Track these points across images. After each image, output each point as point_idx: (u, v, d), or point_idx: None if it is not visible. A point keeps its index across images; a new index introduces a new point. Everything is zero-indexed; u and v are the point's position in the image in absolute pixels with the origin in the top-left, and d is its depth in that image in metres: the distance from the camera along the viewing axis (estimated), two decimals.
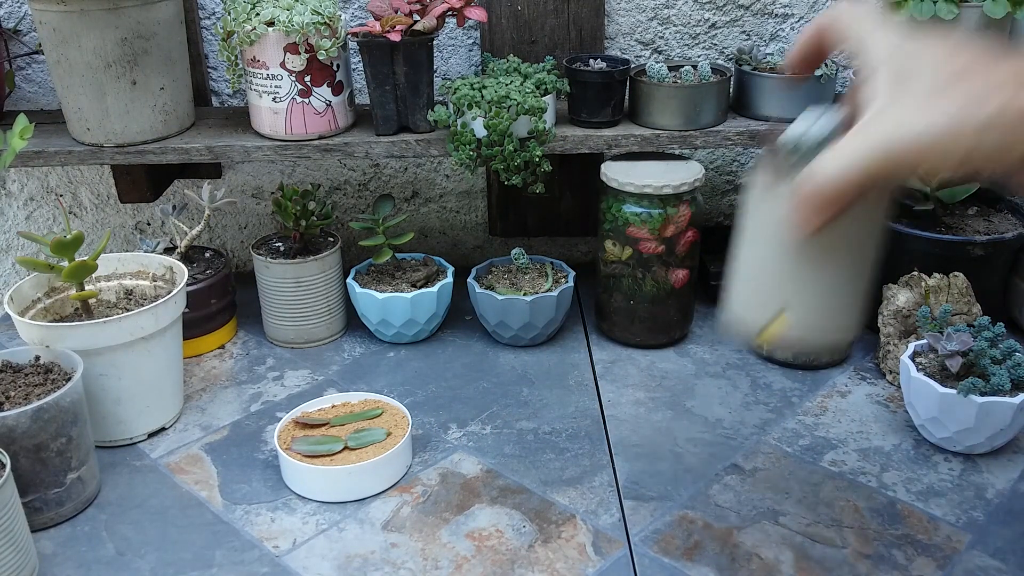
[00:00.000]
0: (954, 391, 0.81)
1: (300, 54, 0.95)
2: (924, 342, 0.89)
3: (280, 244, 1.07)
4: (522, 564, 0.72)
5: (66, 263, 0.85)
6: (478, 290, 1.02)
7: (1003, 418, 0.80)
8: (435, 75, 1.12)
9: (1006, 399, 0.80)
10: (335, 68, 0.99)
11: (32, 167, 1.16)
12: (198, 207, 1.05)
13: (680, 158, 1.04)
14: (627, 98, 1.04)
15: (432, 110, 0.98)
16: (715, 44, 1.16)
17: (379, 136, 1.01)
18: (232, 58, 1.00)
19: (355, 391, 0.94)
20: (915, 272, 0.96)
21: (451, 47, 1.16)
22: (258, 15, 0.95)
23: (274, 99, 0.98)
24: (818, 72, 1.01)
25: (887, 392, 0.95)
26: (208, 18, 1.14)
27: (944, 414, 0.82)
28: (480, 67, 1.11)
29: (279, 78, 0.97)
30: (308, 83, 0.98)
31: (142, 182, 1.14)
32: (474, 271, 1.07)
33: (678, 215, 0.97)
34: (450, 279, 1.05)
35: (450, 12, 0.96)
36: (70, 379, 0.77)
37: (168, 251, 1.06)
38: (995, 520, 0.76)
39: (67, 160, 1.01)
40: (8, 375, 0.80)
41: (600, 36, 1.12)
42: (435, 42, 1.01)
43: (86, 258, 0.86)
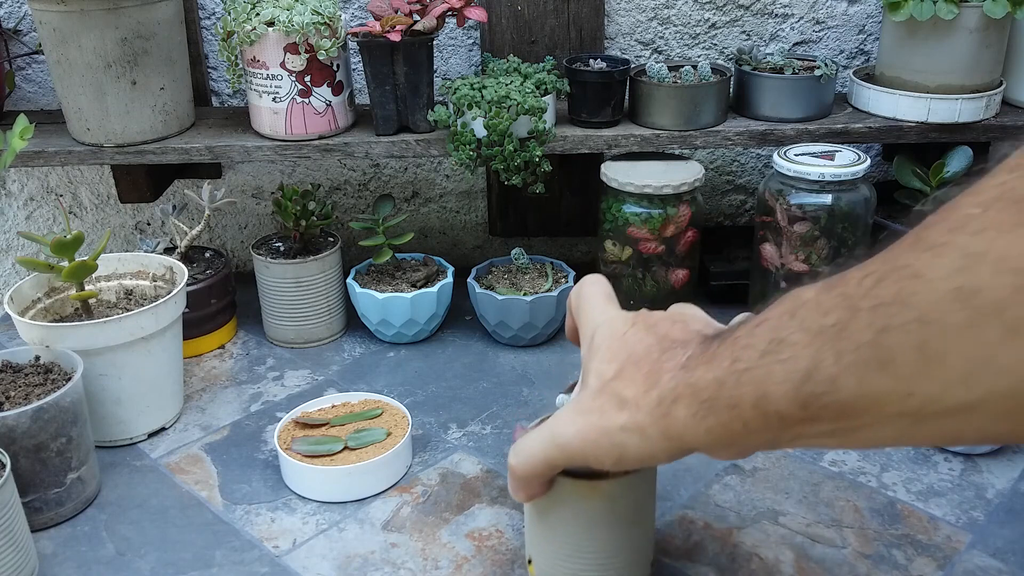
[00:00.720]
0: None
1: (300, 54, 0.95)
2: None
3: (280, 244, 1.07)
4: (522, 564, 0.72)
5: (66, 263, 0.85)
6: (478, 290, 1.02)
7: None
8: (435, 75, 1.12)
9: None
10: (335, 68, 0.99)
11: (32, 167, 1.16)
12: (198, 207, 1.05)
13: (680, 158, 1.04)
14: (627, 98, 1.04)
15: (432, 110, 0.98)
16: (715, 44, 1.16)
17: (379, 136, 1.01)
18: (232, 58, 1.00)
19: (355, 391, 0.94)
20: None
21: (451, 47, 1.16)
22: (258, 15, 0.95)
23: (274, 99, 0.98)
24: (818, 72, 1.01)
25: None
26: (208, 18, 1.14)
27: None
28: (480, 67, 1.11)
29: (279, 78, 0.97)
30: (308, 83, 0.98)
31: (142, 182, 1.14)
32: (474, 271, 1.07)
33: (678, 215, 0.97)
34: (450, 279, 1.05)
35: (450, 12, 0.96)
36: (70, 379, 0.77)
37: (168, 251, 1.06)
38: (995, 520, 0.76)
39: (67, 160, 1.01)
40: (8, 375, 0.80)
41: (600, 36, 1.12)
42: (435, 42, 1.01)
43: (86, 258, 0.86)
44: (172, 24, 0.99)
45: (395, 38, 0.94)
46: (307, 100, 0.98)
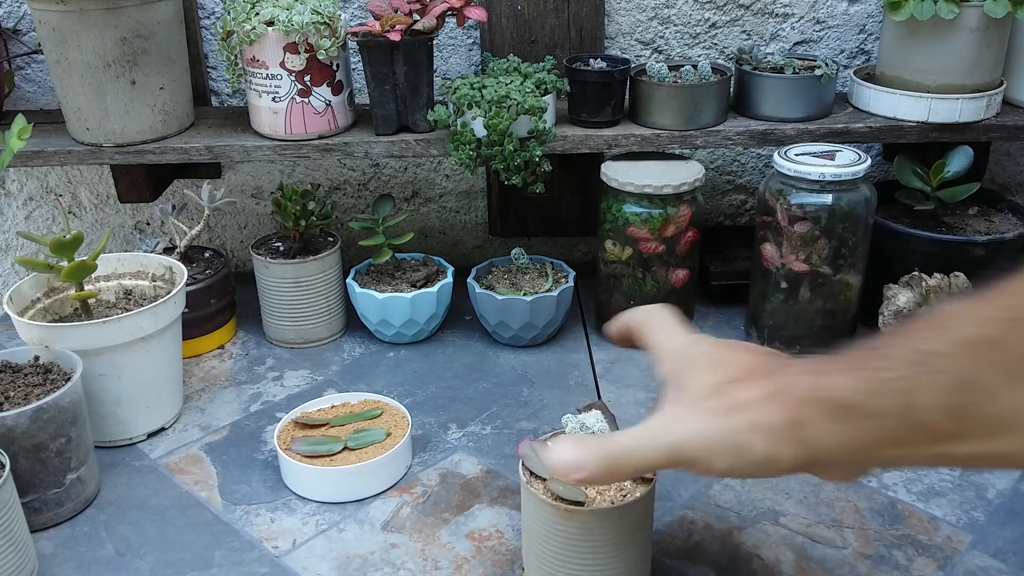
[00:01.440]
0: None
1: (300, 54, 0.95)
2: None
3: (280, 244, 1.07)
4: (522, 565, 0.72)
5: (65, 263, 0.85)
6: (478, 290, 1.02)
7: None
8: (435, 75, 1.12)
9: None
10: (335, 68, 0.99)
11: (31, 167, 1.16)
12: (198, 207, 1.05)
13: (680, 158, 1.04)
14: (627, 98, 1.04)
15: (432, 110, 0.98)
16: (715, 44, 1.16)
17: (379, 136, 1.01)
18: (232, 58, 1.00)
19: (355, 391, 0.94)
20: (916, 272, 0.96)
21: (451, 47, 1.16)
22: (258, 15, 0.95)
23: (274, 99, 0.98)
24: (818, 72, 1.01)
25: None
26: (208, 18, 1.14)
27: None
28: (480, 67, 1.11)
29: (279, 78, 0.97)
30: (308, 83, 0.97)
31: (141, 182, 1.14)
32: (474, 271, 1.07)
33: (678, 215, 0.97)
34: (450, 279, 1.05)
35: (450, 12, 0.96)
36: (69, 379, 0.77)
37: (168, 251, 1.06)
38: (995, 520, 0.76)
39: (66, 160, 1.01)
40: (7, 375, 0.80)
41: (600, 36, 1.12)
42: (435, 42, 1.01)
43: (85, 258, 0.86)
44: (171, 24, 0.99)
45: (395, 38, 0.94)
46: (307, 100, 0.98)
